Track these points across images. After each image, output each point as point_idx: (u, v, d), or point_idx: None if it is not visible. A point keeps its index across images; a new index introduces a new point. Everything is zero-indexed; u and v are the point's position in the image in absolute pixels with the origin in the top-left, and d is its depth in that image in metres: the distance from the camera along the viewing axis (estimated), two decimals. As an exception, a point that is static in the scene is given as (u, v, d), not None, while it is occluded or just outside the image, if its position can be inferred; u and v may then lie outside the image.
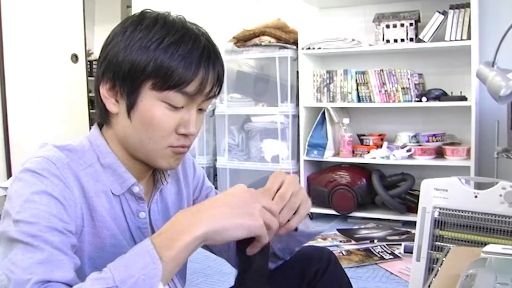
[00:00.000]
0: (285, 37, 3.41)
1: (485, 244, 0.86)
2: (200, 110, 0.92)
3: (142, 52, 0.84)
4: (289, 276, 1.08)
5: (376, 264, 2.44)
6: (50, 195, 0.79)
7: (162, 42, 0.84)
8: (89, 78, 4.77)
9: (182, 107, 0.88)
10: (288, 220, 0.89)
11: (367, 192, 3.23)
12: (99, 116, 0.94)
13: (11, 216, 0.77)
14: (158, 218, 0.99)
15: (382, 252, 2.58)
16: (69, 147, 0.89)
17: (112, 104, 0.89)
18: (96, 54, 5.88)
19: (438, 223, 1.36)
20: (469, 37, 2.89)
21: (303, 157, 3.37)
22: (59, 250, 0.76)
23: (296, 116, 3.42)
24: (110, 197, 0.90)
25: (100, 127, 0.95)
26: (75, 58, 4.39)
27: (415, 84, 3.14)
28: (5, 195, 2.62)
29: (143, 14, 0.89)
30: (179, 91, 0.85)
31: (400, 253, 2.55)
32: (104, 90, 0.89)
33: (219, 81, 0.90)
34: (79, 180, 0.85)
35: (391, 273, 2.32)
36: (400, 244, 2.66)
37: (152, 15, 0.88)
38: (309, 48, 3.34)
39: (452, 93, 3.12)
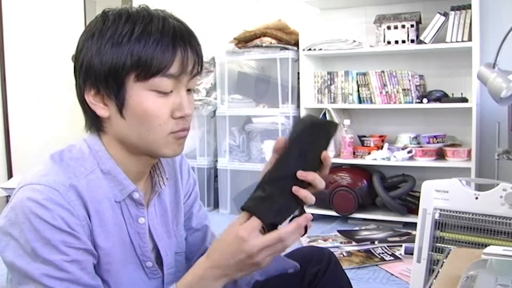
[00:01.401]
0: (286, 38, 3.41)
1: (486, 246, 0.86)
2: (189, 90, 0.92)
3: (116, 49, 0.84)
4: (290, 277, 1.08)
5: (376, 265, 2.44)
6: (60, 229, 0.80)
7: (132, 33, 0.84)
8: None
9: (171, 91, 0.87)
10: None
11: (368, 193, 3.23)
12: (92, 124, 0.92)
13: (23, 246, 0.79)
14: (156, 222, 0.99)
15: (382, 253, 2.58)
16: (69, 156, 0.89)
17: (102, 108, 0.88)
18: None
19: (438, 225, 1.36)
20: (470, 39, 2.89)
21: (303, 158, 3.36)
22: (89, 287, 0.82)
23: (297, 117, 3.42)
24: (112, 203, 0.90)
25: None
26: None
27: (416, 86, 3.14)
28: (6, 196, 2.60)
29: (105, 13, 0.88)
30: (163, 75, 0.85)
31: (400, 254, 2.55)
32: (90, 97, 0.88)
33: (199, 58, 0.90)
34: (82, 199, 0.85)
35: (392, 274, 2.32)
36: (401, 246, 2.66)
37: (114, 12, 0.87)
38: (310, 49, 3.34)
39: (453, 94, 3.12)
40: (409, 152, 3.11)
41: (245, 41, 3.52)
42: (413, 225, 2.43)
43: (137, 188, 0.92)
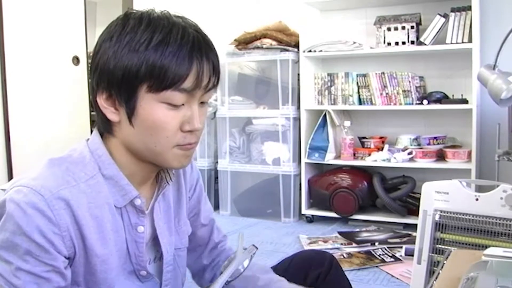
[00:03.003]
0: (287, 40, 3.41)
1: (486, 247, 0.85)
2: (202, 103, 0.90)
3: (132, 55, 0.82)
4: (291, 280, 1.08)
5: (377, 267, 2.43)
6: (29, 238, 0.78)
7: (150, 41, 0.82)
8: (90, 80, 4.77)
9: (183, 104, 0.86)
10: None
11: (368, 194, 3.22)
12: (101, 126, 0.92)
13: None
14: (160, 217, 0.99)
15: (383, 255, 2.58)
16: (69, 160, 0.87)
17: (112, 113, 0.87)
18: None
19: (439, 226, 1.35)
20: (470, 40, 2.90)
21: (304, 159, 3.37)
22: None
23: (297, 119, 3.42)
24: (112, 209, 0.89)
25: (101, 134, 0.93)
26: (76, 60, 4.40)
27: (416, 87, 3.14)
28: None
29: (126, 16, 0.87)
30: (176, 89, 0.83)
31: (401, 255, 2.55)
32: (101, 100, 0.87)
33: (215, 72, 0.88)
34: (71, 208, 0.82)
35: (392, 276, 2.31)
36: (401, 247, 2.66)
37: (136, 15, 0.86)
38: (310, 51, 3.35)
39: (453, 96, 3.12)
40: (410, 153, 3.11)
41: (245, 43, 3.52)
42: (414, 227, 2.44)
43: (139, 195, 0.91)
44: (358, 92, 3.29)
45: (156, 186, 0.99)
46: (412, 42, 3.10)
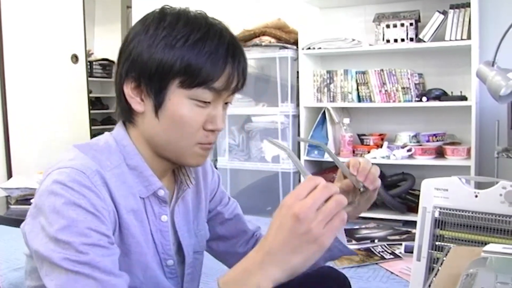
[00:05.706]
0: (286, 37, 3.41)
1: (486, 244, 0.86)
2: (225, 103, 0.92)
3: (168, 50, 0.83)
4: None
5: (376, 264, 2.44)
6: (85, 210, 0.77)
7: (188, 39, 0.83)
8: (89, 78, 4.77)
9: (210, 102, 0.87)
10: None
11: (368, 192, 3.22)
12: (123, 115, 0.92)
13: (48, 232, 0.76)
14: (180, 219, 0.98)
15: (382, 252, 2.58)
16: (95, 147, 0.88)
17: (138, 103, 0.88)
18: (96, 55, 5.88)
19: (438, 223, 1.35)
20: (469, 37, 2.90)
21: (303, 157, 3.37)
22: (111, 274, 0.75)
23: (297, 116, 3.42)
24: (137, 199, 0.89)
25: (123, 123, 0.93)
26: (75, 58, 4.40)
27: (415, 84, 3.14)
28: (6, 196, 2.56)
29: (163, 11, 0.88)
30: (207, 88, 0.85)
31: (400, 252, 2.55)
32: (128, 90, 0.87)
33: (244, 76, 0.90)
34: (108, 186, 0.83)
35: (392, 272, 2.32)
36: (401, 244, 2.66)
37: (173, 12, 0.87)
38: (309, 48, 3.34)
39: (452, 93, 3.12)
40: (409, 150, 3.12)
41: (244, 40, 3.52)
42: (413, 224, 2.44)
43: (163, 186, 0.92)
44: (357, 89, 3.30)
45: (174, 188, 0.99)
46: (411, 39, 3.10)
